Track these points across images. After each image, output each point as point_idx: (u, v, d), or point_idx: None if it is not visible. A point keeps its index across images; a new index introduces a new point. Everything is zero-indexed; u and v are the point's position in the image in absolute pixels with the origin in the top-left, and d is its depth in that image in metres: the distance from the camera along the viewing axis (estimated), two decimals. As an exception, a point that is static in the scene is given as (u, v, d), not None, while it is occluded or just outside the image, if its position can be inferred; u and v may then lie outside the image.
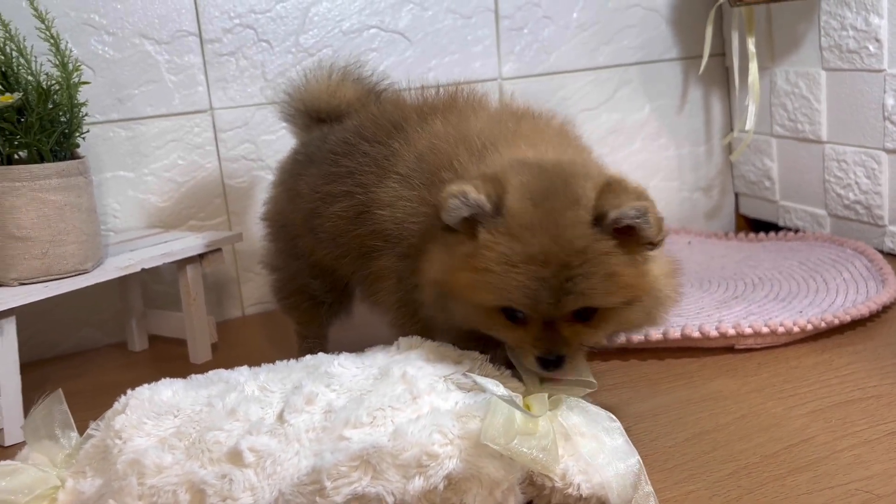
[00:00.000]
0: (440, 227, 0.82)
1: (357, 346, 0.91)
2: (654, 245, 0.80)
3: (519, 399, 0.76)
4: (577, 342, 0.80)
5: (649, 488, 0.74)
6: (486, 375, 0.80)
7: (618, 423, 0.78)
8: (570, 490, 0.72)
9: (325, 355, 0.85)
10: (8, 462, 0.76)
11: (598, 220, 0.77)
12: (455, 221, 0.79)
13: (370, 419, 0.72)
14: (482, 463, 0.70)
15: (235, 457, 0.70)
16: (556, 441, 0.72)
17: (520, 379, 0.82)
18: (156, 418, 0.75)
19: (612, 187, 0.79)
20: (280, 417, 0.74)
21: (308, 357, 0.85)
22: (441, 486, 0.68)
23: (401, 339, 0.88)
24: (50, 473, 0.74)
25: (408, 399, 0.75)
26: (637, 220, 0.77)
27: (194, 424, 0.74)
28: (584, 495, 0.72)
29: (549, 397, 0.77)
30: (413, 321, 0.91)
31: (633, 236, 0.78)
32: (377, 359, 0.83)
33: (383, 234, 0.91)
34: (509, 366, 0.84)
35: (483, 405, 0.74)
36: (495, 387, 0.74)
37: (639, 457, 0.75)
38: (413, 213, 0.88)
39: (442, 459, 0.69)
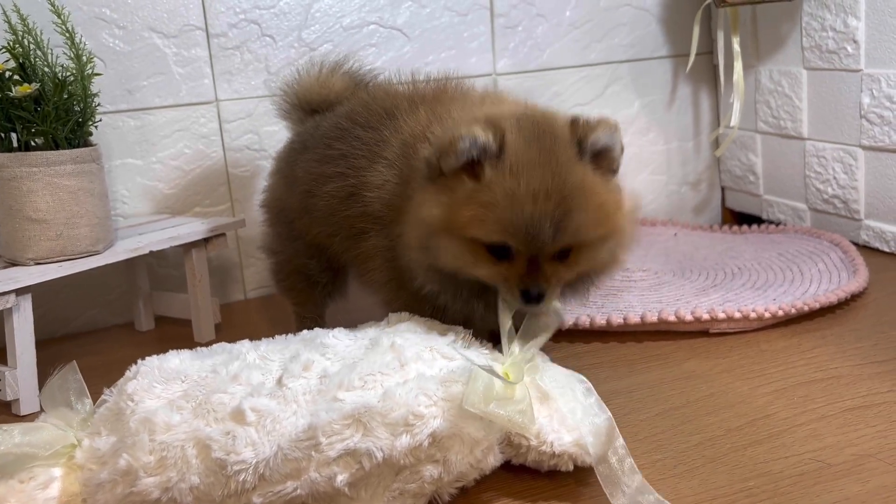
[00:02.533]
0: (428, 176, 0.89)
1: (352, 327, 0.97)
2: (615, 171, 0.90)
3: (498, 367, 0.83)
4: (555, 279, 0.87)
5: (621, 440, 0.81)
6: (469, 347, 0.88)
7: (589, 384, 0.85)
8: (544, 448, 0.80)
9: (321, 329, 0.92)
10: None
11: (580, 148, 0.87)
12: (459, 164, 0.86)
13: (361, 383, 0.79)
14: (464, 423, 0.77)
15: (238, 415, 0.76)
16: (531, 405, 0.78)
17: (500, 352, 0.88)
18: (164, 383, 0.81)
19: (580, 121, 0.89)
20: (279, 382, 0.80)
21: (305, 332, 0.92)
22: (426, 444, 0.75)
23: (390, 314, 0.95)
24: (68, 432, 0.80)
25: (396, 366, 0.81)
26: (610, 139, 0.87)
27: (200, 388, 0.80)
28: (556, 452, 0.80)
29: (526, 363, 0.84)
30: (399, 296, 0.98)
31: (603, 162, 0.88)
32: (368, 332, 0.90)
33: (372, 215, 0.98)
34: (490, 338, 0.91)
35: (465, 371, 0.81)
36: (476, 356, 0.82)
37: (610, 413, 0.82)
38: (397, 194, 0.95)
39: (427, 419, 0.76)
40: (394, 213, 0.96)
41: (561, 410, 0.82)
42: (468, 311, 0.94)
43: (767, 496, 0.78)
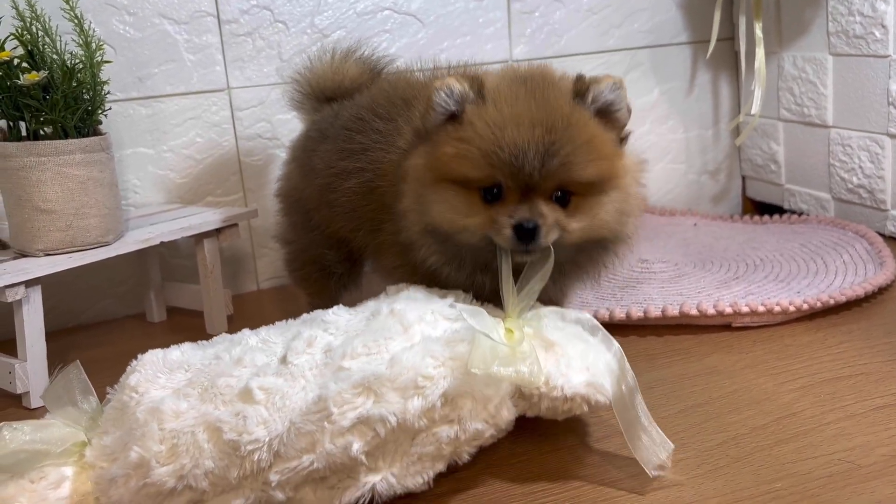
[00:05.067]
0: (416, 142, 0.88)
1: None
2: (623, 139, 0.89)
3: (500, 325, 0.82)
4: (552, 219, 0.84)
5: (631, 373, 0.82)
6: (467, 308, 0.86)
7: (594, 321, 0.86)
8: (555, 393, 0.79)
9: (320, 310, 0.90)
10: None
11: (579, 96, 0.85)
12: (440, 119, 0.85)
13: (366, 350, 0.78)
14: (473, 381, 0.77)
15: (246, 395, 0.75)
16: (537, 358, 0.78)
17: (500, 308, 0.87)
18: (168, 373, 0.80)
19: (585, 76, 0.87)
20: (284, 360, 0.79)
21: (304, 314, 0.91)
22: (438, 404, 0.75)
23: (388, 287, 0.93)
24: (78, 430, 0.78)
25: (399, 330, 0.81)
26: (614, 95, 0.85)
27: (205, 375, 0.79)
28: (568, 396, 0.79)
29: (528, 312, 0.85)
30: (411, 281, 0.95)
31: (609, 121, 0.86)
32: (368, 305, 0.89)
33: (386, 206, 0.96)
34: (493, 301, 0.90)
35: (469, 330, 0.80)
36: (478, 315, 0.81)
37: (617, 344, 0.83)
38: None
39: (437, 380, 0.75)
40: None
41: (568, 354, 0.82)
42: (472, 282, 0.91)
43: (795, 499, 0.75)
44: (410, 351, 0.77)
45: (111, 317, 1.46)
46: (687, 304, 1.15)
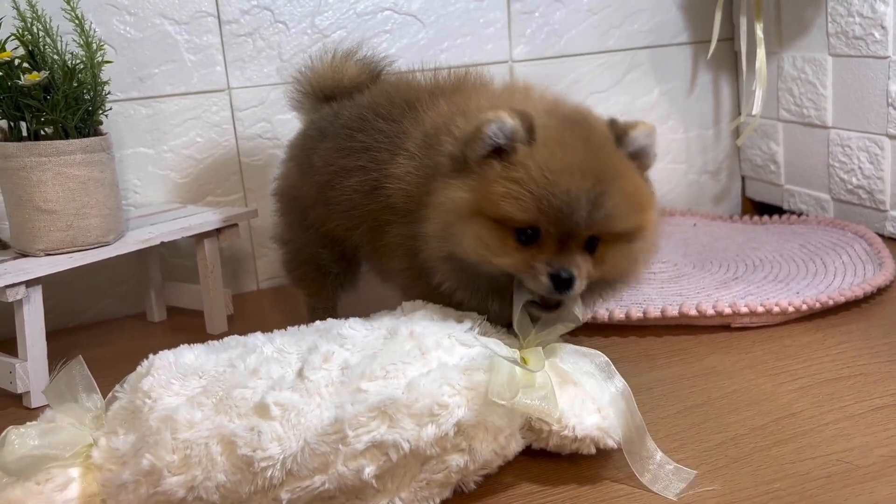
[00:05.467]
0: (452, 169, 0.87)
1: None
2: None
3: (516, 354, 0.82)
4: (585, 269, 0.85)
5: (639, 416, 0.83)
6: (485, 333, 0.88)
7: (606, 358, 0.86)
8: (565, 432, 0.80)
9: (335, 320, 0.91)
10: (39, 423, 0.81)
11: (619, 142, 0.86)
12: (485, 151, 0.84)
13: (384, 373, 0.78)
14: (487, 411, 0.77)
15: (262, 410, 0.75)
16: (553, 390, 0.78)
17: (516, 336, 0.87)
18: (182, 379, 0.80)
19: (617, 120, 0.89)
20: (300, 374, 0.79)
21: (318, 322, 0.91)
22: (452, 433, 0.75)
23: (404, 303, 0.94)
24: (84, 432, 0.78)
25: (417, 354, 0.81)
26: (648, 141, 0.87)
27: (219, 384, 0.78)
28: (578, 436, 0.80)
29: (543, 348, 0.84)
30: (417, 284, 0.96)
31: (638, 162, 0.87)
32: (384, 321, 0.89)
33: (394, 207, 0.96)
34: (505, 325, 0.90)
35: (485, 358, 0.80)
36: (496, 346, 0.81)
37: (624, 382, 0.84)
38: (418, 185, 0.93)
39: (452, 409, 0.75)
40: (415, 203, 0.93)
41: (583, 393, 0.82)
42: (483, 307, 0.92)
43: (794, 499, 0.75)
44: (427, 377, 0.77)
45: (111, 316, 1.46)
46: (686, 305, 1.16)
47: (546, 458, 0.85)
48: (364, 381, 0.77)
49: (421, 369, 0.79)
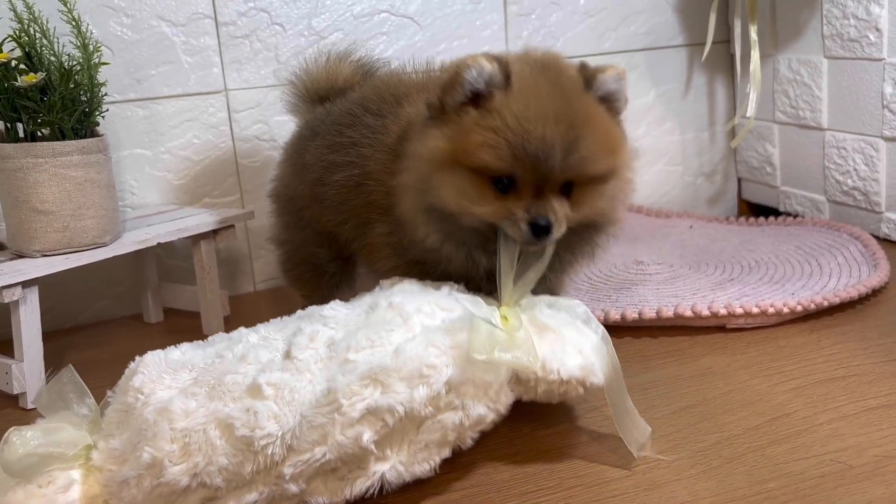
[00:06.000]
0: (429, 117, 0.88)
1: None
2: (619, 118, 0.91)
3: (495, 312, 0.84)
4: (562, 214, 0.85)
5: (616, 361, 0.87)
6: (462, 296, 0.89)
7: (584, 307, 0.89)
8: (551, 377, 0.82)
9: (316, 306, 0.91)
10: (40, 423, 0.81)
11: (588, 85, 0.87)
12: (463, 97, 0.85)
13: (369, 343, 0.79)
14: (474, 368, 0.79)
15: (255, 391, 0.76)
16: (533, 343, 0.80)
17: (495, 299, 0.89)
18: (172, 373, 0.80)
19: (587, 63, 0.89)
20: (288, 356, 0.80)
21: (300, 310, 0.91)
22: (443, 392, 0.77)
23: (381, 280, 0.94)
24: (84, 433, 0.78)
25: (399, 322, 0.82)
26: (617, 85, 0.88)
27: (210, 373, 0.79)
28: (564, 379, 0.82)
29: (522, 301, 0.87)
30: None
31: (609, 106, 0.88)
32: (364, 299, 0.90)
33: (375, 205, 0.97)
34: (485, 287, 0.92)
35: (466, 319, 0.82)
36: (474, 306, 0.84)
37: (604, 329, 0.87)
38: (393, 174, 0.93)
39: (440, 368, 0.77)
40: (392, 199, 0.94)
41: (562, 339, 0.84)
42: (471, 264, 0.92)
43: (788, 499, 0.76)
44: (413, 342, 0.79)
45: (108, 317, 1.46)
46: (681, 306, 1.16)
47: (540, 456, 0.86)
48: (351, 352, 0.79)
49: (405, 335, 0.81)
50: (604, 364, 0.85)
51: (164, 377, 0.80)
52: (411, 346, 0.78)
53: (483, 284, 0.92)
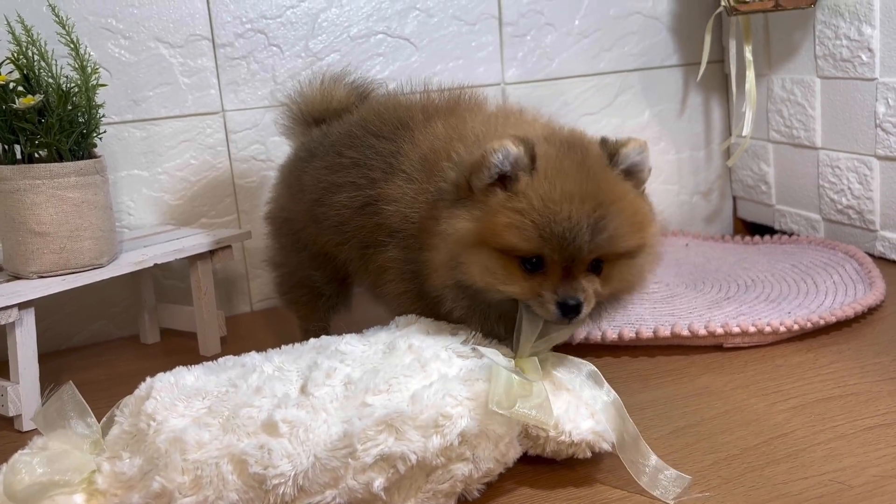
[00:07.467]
0: (456, 197, 0.88)
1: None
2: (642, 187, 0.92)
3: (512, 363, 0.84)
4: (591, 292, 0.86)
5: (632, 423, 0.85)
6: (480, 345, 0.89)
7: (594, 368, 0.89)
8: (562, 437, 0.82)
9: (330, 336, 0.91)
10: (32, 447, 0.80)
11: (611, 160, 0.88)
12: (490, 179, 0.85)
13: (387, 386, 0.79)
14: (489, 420, 0.79)
15: (270, 428, 0.75)
16: (548, 398, 0.80)
17: (508, 347, 0.89)
18: (185, 401, 0.80)
19: (608, 138, 0.90)
20: (303, 391, 0.80)
21: (313, 340, 0.91)
22: (456, 443, 0.77)
23: (398, 318, 0.95)
24: (89, 457, 0.77)
25: (417, 367, 0.82)
26: (640, 157, 0.89)
27: (224, 404, 0.79)
28: (574, 441, 0.82)
29: (538, 358, 0.86)
30: (414, 308, 0.97)
31: (632, 180, 0.89)
32: (380, 336, 0.90)
33: (389, 228, 0.97)
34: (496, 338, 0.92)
35: (483, 369, 0.82)
36: (495, 355, 0.83)
37: (615, 394, 0.86)
38: (415, 207, 0.94)
39: (455, 419, 0.77)
40: (413, 227, 0.94)
41: (577, 399, 0.84)
42: (492, 331, 0.93)
43: (787, 519, 0.76)
44: (430, 389, 0.79)
45: (105, 338, 1.45)
46: (678, 325, 1.16)
47: (543, 463, 0.86)
48: (369, 395, 0.79)
49: (423, 381, 0.81)
50: (615, 429, 0.84)
51: (177, 404, 0.80)
52: (428, 394, 0.78)
53: (497, 329, 0.93)
